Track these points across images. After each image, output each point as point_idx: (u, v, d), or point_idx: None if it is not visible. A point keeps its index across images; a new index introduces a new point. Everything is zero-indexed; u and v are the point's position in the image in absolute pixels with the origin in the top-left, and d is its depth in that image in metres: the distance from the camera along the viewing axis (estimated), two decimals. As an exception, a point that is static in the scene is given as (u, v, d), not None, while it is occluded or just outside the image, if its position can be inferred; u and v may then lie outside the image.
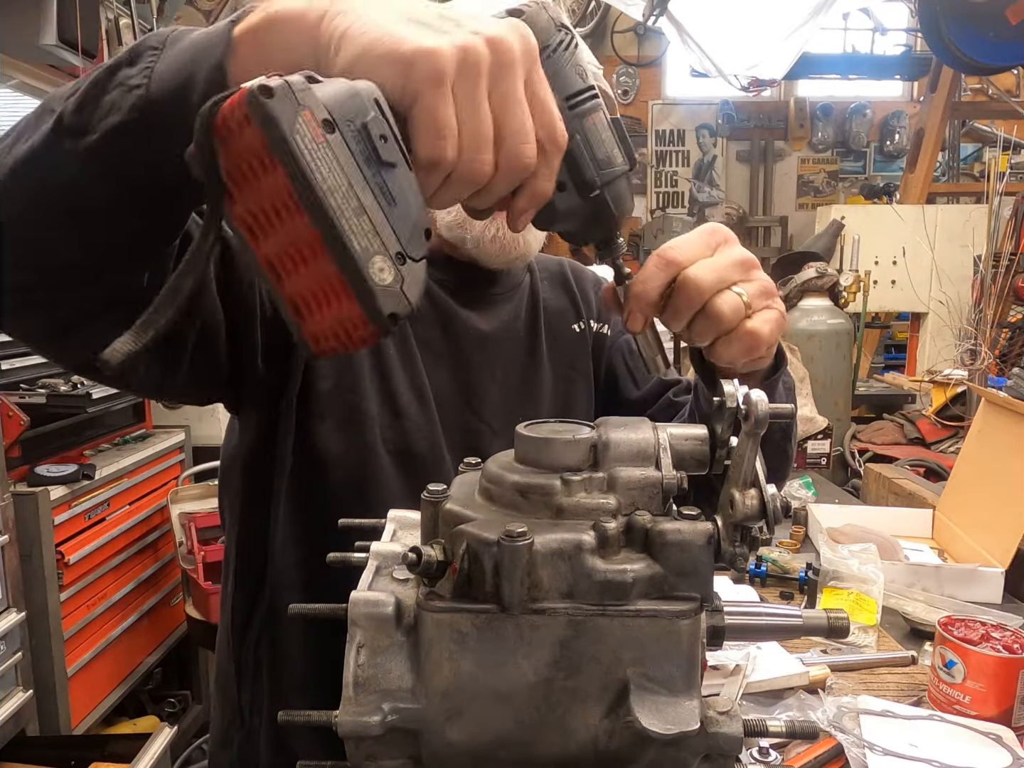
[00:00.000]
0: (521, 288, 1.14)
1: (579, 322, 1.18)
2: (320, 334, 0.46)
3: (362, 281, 0.43)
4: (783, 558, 1.68)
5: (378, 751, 0.52)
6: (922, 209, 4.94)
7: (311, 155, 0.42)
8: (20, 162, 0.57)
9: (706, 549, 0.50)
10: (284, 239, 0.44)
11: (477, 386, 1.06)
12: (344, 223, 0.43)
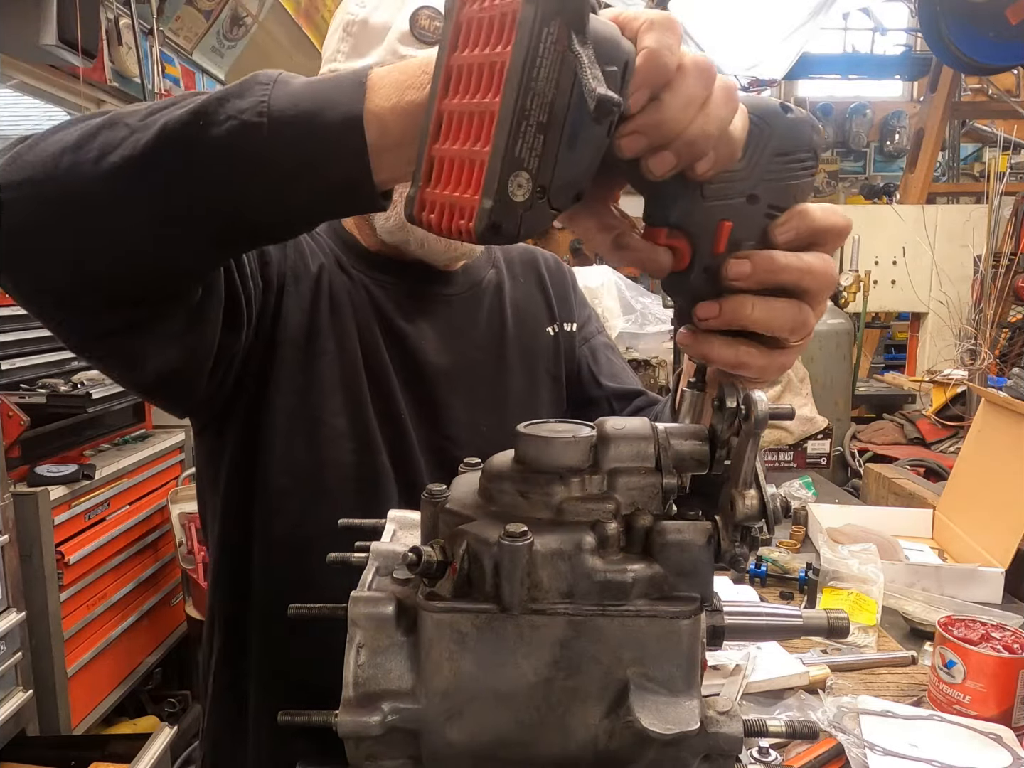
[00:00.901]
0: (483, 286, 1.09)
1: (552, 325, 1.13)
2: (431, 203, 0.48)
3: (496, 180, 0.44)
4: (783, 558, 1.68)
5: (378, 751, 0.52)
6: (922, 209, 4.94)
7: (542, 52, 0.43)
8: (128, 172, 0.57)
9: (706, 549, 0.50)
10: (467, 103, 0.46)
11: (439, 398, 1.01)
12: (522, 124, 0.44)
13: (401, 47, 0.89)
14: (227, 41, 4.43)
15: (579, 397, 1.15)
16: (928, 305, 4.70)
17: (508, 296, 1.10)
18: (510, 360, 1.07)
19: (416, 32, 0.88)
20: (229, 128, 0.53)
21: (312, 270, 0.97)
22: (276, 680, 0.97)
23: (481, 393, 1.04)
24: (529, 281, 1.16)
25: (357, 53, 0.95)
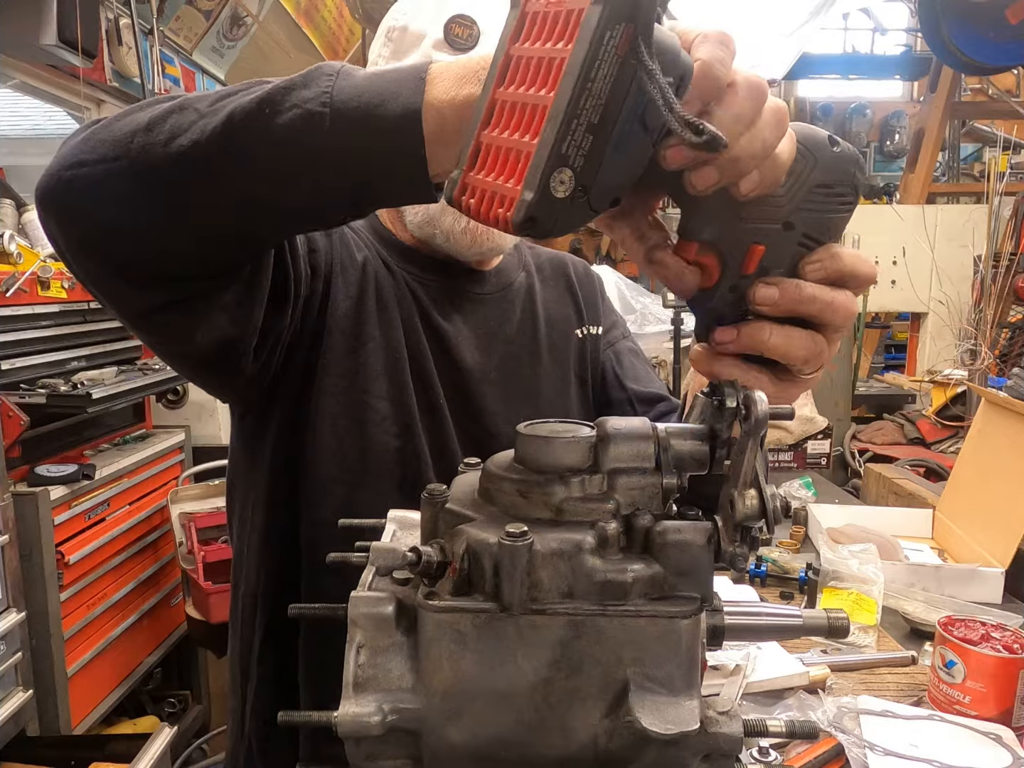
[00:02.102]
0: (515, 288, 1.12)
1: (581, 328, 1.17)
2: (473, 188, 0.49)
3: (540, 173, 0.45)
4: (783, 558, 1.68)
5: (378, 751, 0.52)
6: (922, 209, 4.94)
7: (602, 55, 0.43)
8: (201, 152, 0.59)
9: (706, 549, 0.50)
10: (521, 94, 0.47)
11: (475, 392, 1.04)
12: (572, 122, 0.44)
13: (435, 53, 0.91)
14: (227, 41, 4.43)
15: (602, 399, 1.18)
16: (928, 305, 4.70)
17: (539, 298, 1.14)
18: (542, 360, 1.10)
19: (450, 40, 0.91)
20: (293, 116, 0.55)
21: (358, 261, 1.01)
22: (324, 664, 0.98)
23: (515, 389, 1.06)
24: (559, 285, 1.18)
25: (396, 58, 0.99)
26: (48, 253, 2.34)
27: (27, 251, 2.28)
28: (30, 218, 2.45)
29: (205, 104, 0.60)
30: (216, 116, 0.58)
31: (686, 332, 3.10)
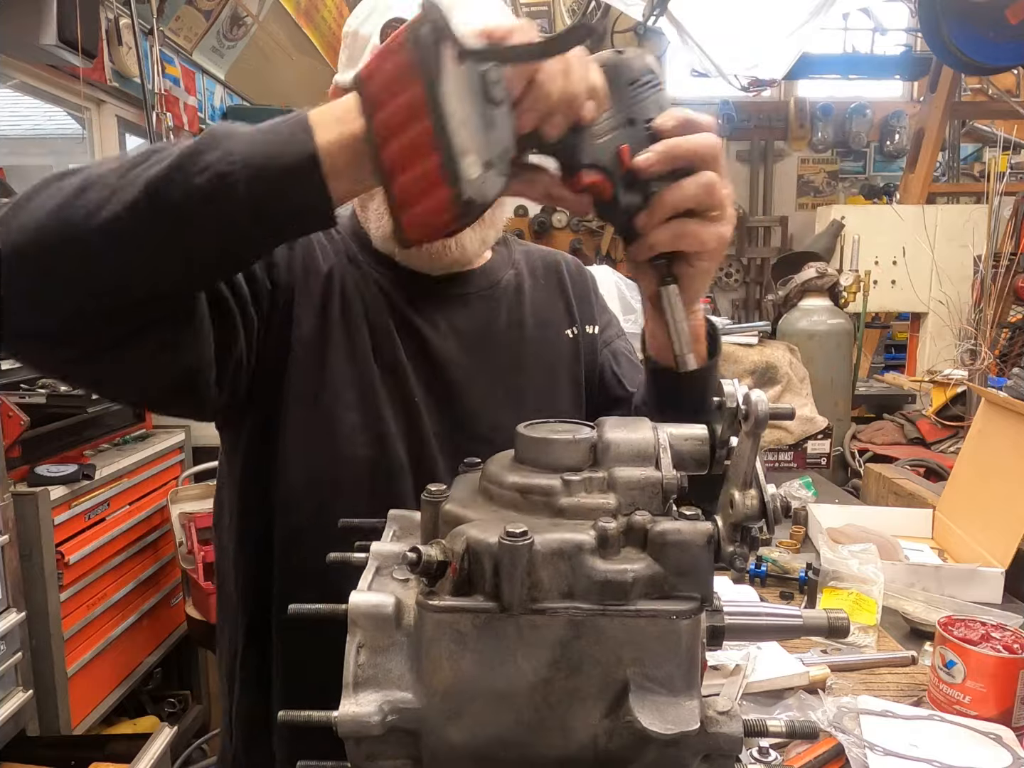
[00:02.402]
0: (501, 287, 1.10)
1: (572, 327, 1.14)
2: (415, 222, 0.60)
3: (455, 166, 0.57)
4: (783, 558, 1.68)
5: (378, 751, 0.52)
6: (922, 209, 4.94)
7: (442, 75, 0.57)
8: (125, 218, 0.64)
9: (706, 549, 0.50)
10: (405, 140, 0.58)
11: (455, 392, 1.02)
12: (452, 123, 0.57)
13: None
14: (227, 41, 4.43)
15: (604, 398, 1.16)
16: (928, 305, 4.70)
17: (528, 298, 1.11)
18: (528, 360, 1.08)
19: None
20: (206, 178, 0.62)
21: (323, 270, 1.00)
22: (298, 667, 0.98)
23: (499, 391, 1.04)
24: (550, 283, 1.16)
25: (351, 64, 1.00)
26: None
27: (27, 251, 2.28)
28: (30, 218, 2.44)
29: (114, 177, 0.65)
30: (132, 187, 0.63)
31: (686, 332, 3.10)
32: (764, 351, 3.12)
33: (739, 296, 7.07)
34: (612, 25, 6.51)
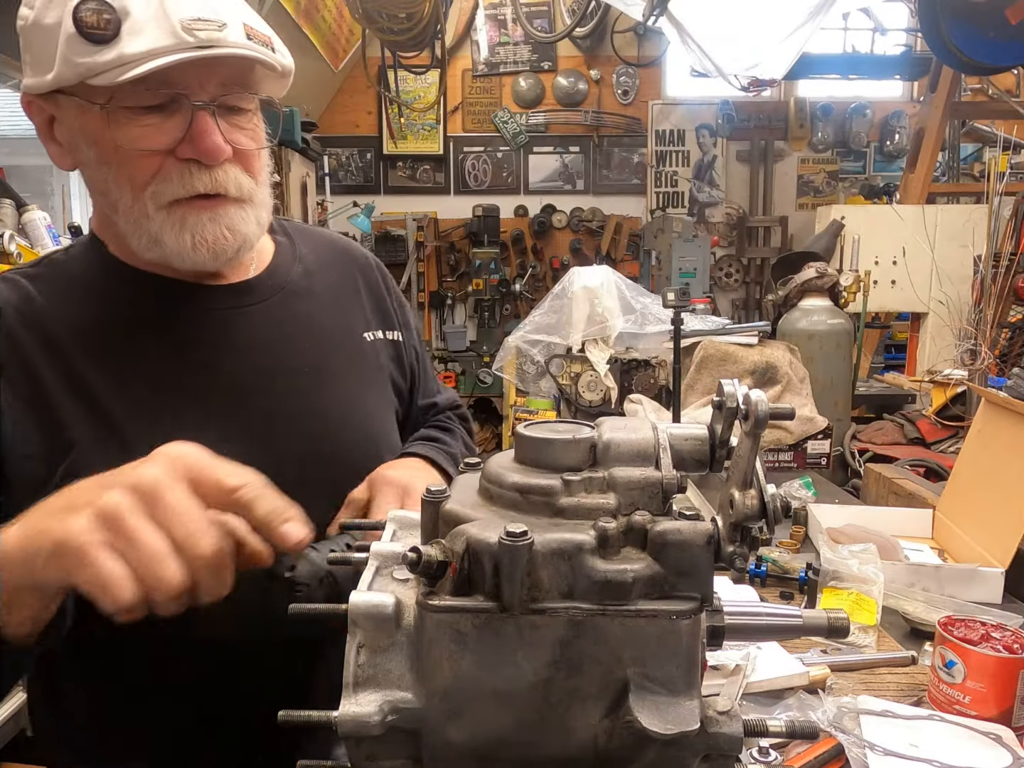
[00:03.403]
0: (289, 291, 0.99)
1: (369, 331, 1.07)
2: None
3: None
4: (783, 558, 1.68)
5: (378, 751, 0.52)
6: (922, 209, 4.94)
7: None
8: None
9: (706, 549, 0.50)
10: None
11: (252, 421, 0.92)
12: None
13: (76, 57, 0.76)
14: (227, 41, 4.42)
15: (410, 403, 1.15)
16: (928, 305, 4.70)
17: (321, 300, 1.02)
18: (328, 369, 1.00)
19: (84, 32, 0.76)
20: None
21: (34, 356, 0.84)
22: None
23: (297, 407, 0.96)
24: (345, 280, 1.08)
25: (40, 66, 0.80)
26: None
27: (27, 251, 2.28)
28: (30, 218, 2.45)
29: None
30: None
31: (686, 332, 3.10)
32: (764, 351, 3.12)
33: (739, 296, 7.07)
34: (612, 25, 6.52)
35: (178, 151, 0.82)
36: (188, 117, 0.81)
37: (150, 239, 0.86)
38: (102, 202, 0.87)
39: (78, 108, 0.81)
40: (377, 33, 4.87)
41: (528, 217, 6.72)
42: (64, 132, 0.84)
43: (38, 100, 0.83)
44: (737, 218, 6.94)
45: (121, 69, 0.75)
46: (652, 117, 6.79)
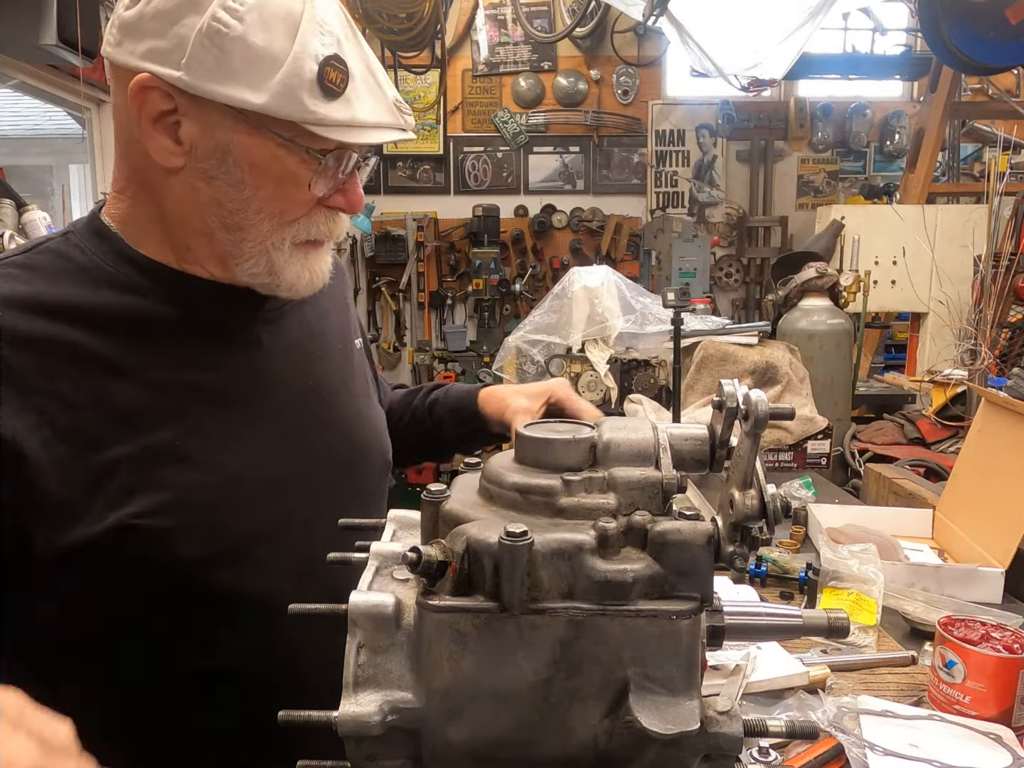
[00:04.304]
0: (297, 304, 0.97)
1: (357, 339, 1.10)
2: None
3: None
4: (783, 558, 1.68)
5: (378, 751, 0.52)
6: (922, 209, 4.94)
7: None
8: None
9: (706, 549, 0.50)
10: None
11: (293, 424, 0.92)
12: None
13: (309, 102, 0.77)
14: (227, 41, 4.42)
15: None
16: (928, 305, 4.69)
17: (322, 307, 1.02)
18: (340, 371, 1.02)
19: (324, 84, 0.77)
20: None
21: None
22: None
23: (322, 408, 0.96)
24: (336, 297, 1.08)
25: (230, 76, 0.77)
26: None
27: (27, 251, 2.28)
28: (30, 218, 2.45)
29: None
30: None
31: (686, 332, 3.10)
32: (764, 351, 3.12)
33: (739, 296, 7.07)
34: (612, 25, 6.51)
35: (331, 200, 0.85)
36: (347, 171, 0.84)
37: (268, 267, 0.85)
38: (210, 210, 0.83)
39: (248, 127, 0.79)
40: (377, 33, 4.87)
41: (528, 217, 6.72)
42: (194, 136, 0.79)
43: (172, 93, 0.77)
44: (737, 218, 6.94)
45: (352, 131, 0.80)
46: (652, 117, 6.79)
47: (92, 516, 0.76)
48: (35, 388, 0.76)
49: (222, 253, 0.85)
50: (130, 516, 0.76)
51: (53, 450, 0.75)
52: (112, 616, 0.81)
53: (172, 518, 0.78)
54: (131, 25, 0.78)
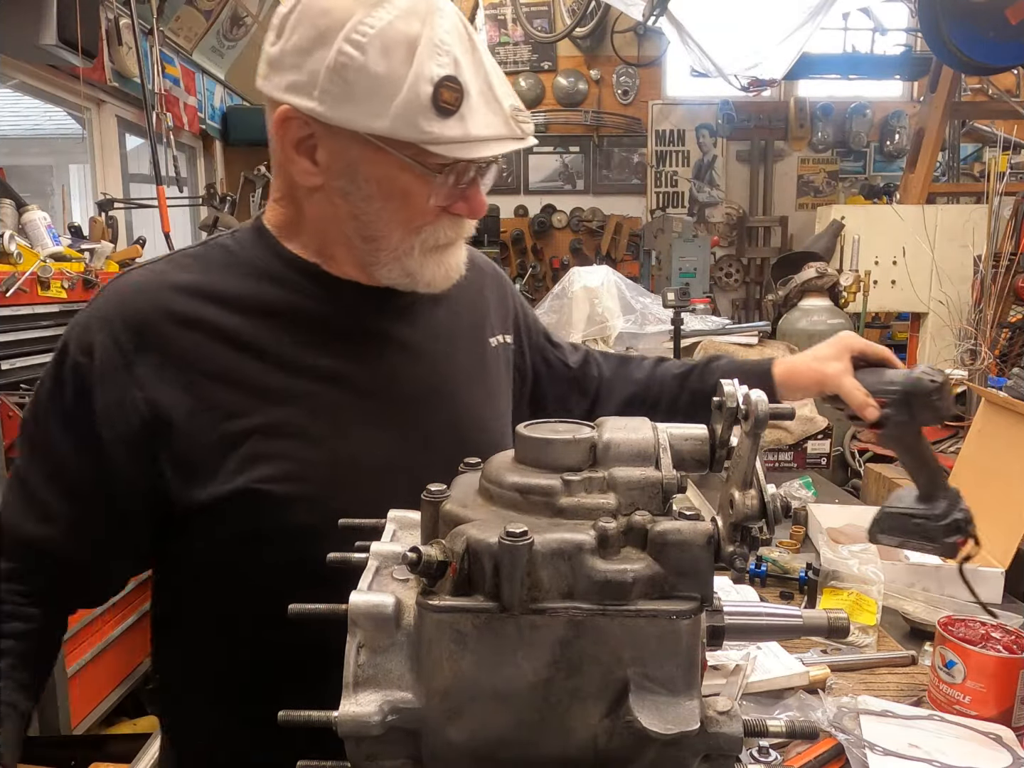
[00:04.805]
0: (430, 299, 1.01)
1: (493, 337, 1.12)
2: None
3: None
4: (783, 558, 1.68)
5: (378, 751, 0.52)
6: (922, 209, 4.94)
7: None
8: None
9: (706, 549, 0.50)
10: None
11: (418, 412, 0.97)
12: None
13: (424, 123, 0.82)
14: (227, 41, 4.43)
15: (539, 396, 1.20)
16: (928, 305, 4.69)
17: (458, 299, 1.05)
18: (467, 368, 1.05)
19: (439, 104, 0.82)
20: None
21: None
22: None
23: (445, 406, 1.00)
24: (480, 288, 1.12)
25: (354, 105, 0.83)
26: (48, 253, 2.34)
27: (27, 251, 2.28)
28: (30, 218, 2.45)
29: None
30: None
31: (686, 332, 3.10)
32: (764, 351, 3.12)
33: (739, 296, 7.07)
34: (612, 25, 6.51)
35: (454, 207, 0.91)
36: (468, 180, 0.89)
37: (403, 271, 0.92)
38: (347, 223, 0.91)
39: (373, 149, 0.85)
40: (377, 33, 4.86)
41: (528, 217, 6.72)
42: (328, 158, 0.88)
43: (309, 121, 0.85)
44: (737, 218, 6.94)
45: (466, 147, 0.84)
46: (652, 117, 6.80)
47: (222, 478, 0.86)
48: (190, 365, 0.87)
49: (361, 261, 0.94)
50: (253, 480, 0.85)
51: (196, 419, 0.86)
52: (220, 571, 0.91)
53: (288, 486, 0.86)
54: (275, 61, 0.87)
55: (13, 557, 0.89)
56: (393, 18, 0.82)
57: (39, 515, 0.88)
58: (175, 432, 0.85)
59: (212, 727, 0.98)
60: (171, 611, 1.03)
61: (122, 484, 0.87)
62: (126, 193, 3.86)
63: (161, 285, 0.89)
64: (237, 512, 0.86)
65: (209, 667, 0.97)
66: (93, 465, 0.87)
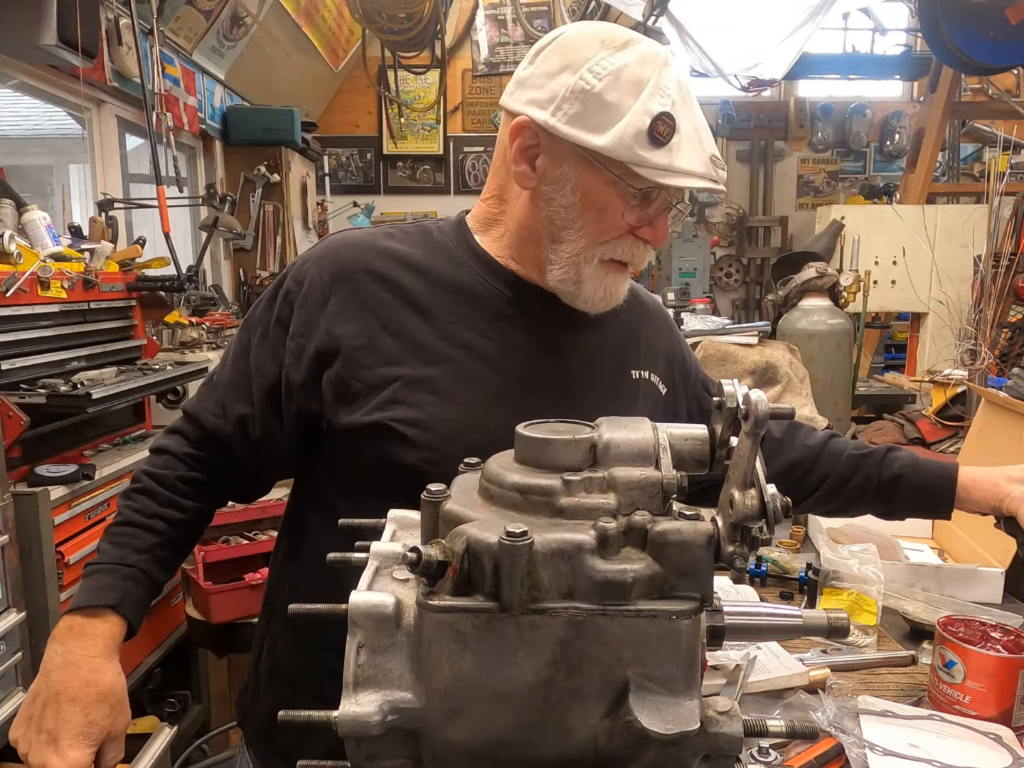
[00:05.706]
0: (587, 321, 1.10)
1: (636, 369, 1.15)
2: None
3: None
4: (783, 558, 1.68)
5: (378, 751, 0.52)
6: (922, 209, 4.94)
7: None
8: None
9: (706, 549, 0.50)
10: None
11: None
12: None
13: (638, 148, 0.94)
14: (227, 41, 4.43)
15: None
16: (928, 305, 4.69)
17: (611, 325, 1.12)
18: (604, 394, 1.10)
19: (653, 135, 0.93)
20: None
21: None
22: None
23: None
24: (628, 315, 1.17)
25: (582, 123, 0.96)
26: (48, 253, 2.34)
27: (27, 251, 2.28)
28: (30, 218, 2.45)
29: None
30: None
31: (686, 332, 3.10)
32: (764, 351, 3.12)
33: (739, 296, 7.07)
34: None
35: (640, 231, 1.01)
36: (659, 208, 1.01)
37: (573, 279, 1.03)
38: (543, 224, 1.03)
39: (586, 163, 0.97)
40: (377, 33, 4.87)
41: (529, 217, 6.72)
42: (547, 165, 1.00)
43: (539, 132, 0.98)
44: (737, 218, 6.94)
45: (668, 175, 0.95)
46: (652, 117, 6.78)
47: (365, 410, 1.00)
48: (369, 310, 1.02)
49: (543, 259, 1.05)
50: (387, 418, 0.99)
51: (359, 354, 1.00)
52: (341, 492, 1.04)
53: (415, 431, 0.99)
54: (523, 80, 1.01)
55: (193, 441, 1.07)
56: (631, 61, 0.95)
57: (217, 411, 1.06)
58: (340, 360, 1.00)
59: (296, 670, 1.11)
60: (296, 542, 1.13)
61: (290, 392, 1.02)
62: (126, 193, 3.86)
63: (368, 245, 1.06)
64: (369, 441, 1.00)
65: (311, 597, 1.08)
66: (275, 372, 1.03)
